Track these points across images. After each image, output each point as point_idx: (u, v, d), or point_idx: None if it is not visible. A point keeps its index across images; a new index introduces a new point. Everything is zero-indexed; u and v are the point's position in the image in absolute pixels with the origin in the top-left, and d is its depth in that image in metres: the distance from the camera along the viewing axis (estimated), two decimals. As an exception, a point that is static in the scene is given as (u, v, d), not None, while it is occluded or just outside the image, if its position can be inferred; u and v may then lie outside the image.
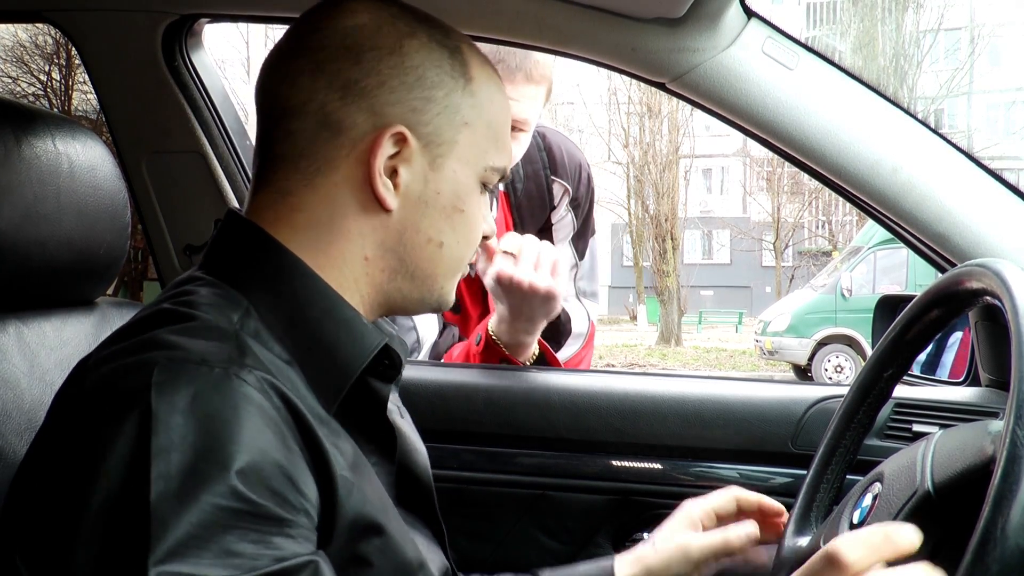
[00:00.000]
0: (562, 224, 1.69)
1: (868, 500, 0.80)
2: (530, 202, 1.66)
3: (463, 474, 1.30)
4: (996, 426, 0.73)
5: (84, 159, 0.92)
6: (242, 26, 15.45)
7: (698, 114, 17.25)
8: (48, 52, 14.85)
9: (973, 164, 1.15)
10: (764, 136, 1.19)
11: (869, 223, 12.10)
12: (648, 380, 1.37)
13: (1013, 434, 0.60)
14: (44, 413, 0.68)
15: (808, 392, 1.29)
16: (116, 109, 1.44)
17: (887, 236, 7.33)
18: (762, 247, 23.33)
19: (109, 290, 1.02)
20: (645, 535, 1.17)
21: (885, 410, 1.21)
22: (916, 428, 1.21)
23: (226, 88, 1.51)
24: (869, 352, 1.06)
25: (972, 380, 1.32)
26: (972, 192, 1.15)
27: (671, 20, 1.15)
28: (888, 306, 1.41)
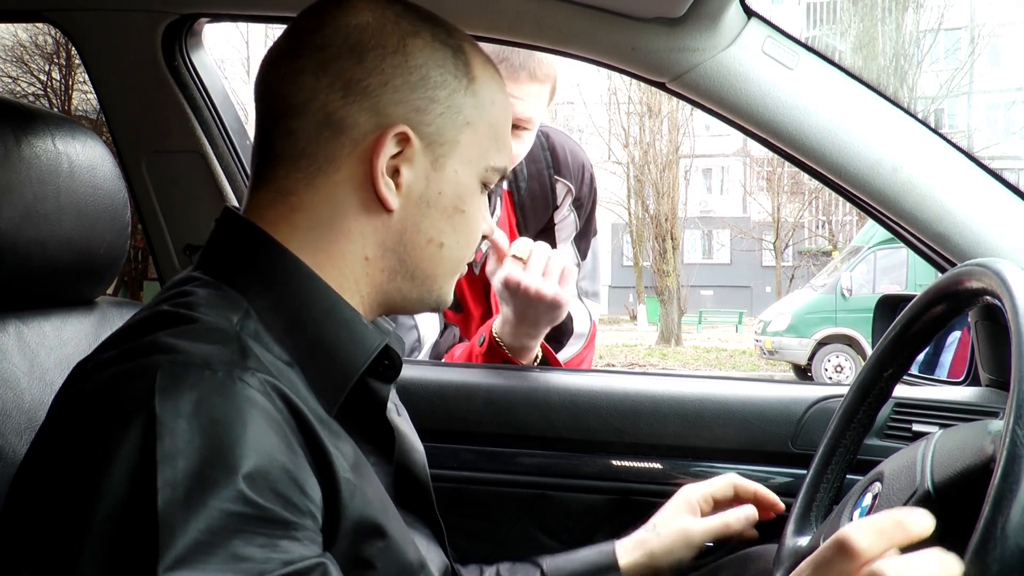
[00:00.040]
0: (565, 224, 1.69)
1: (868, 500, 0.80)
2: (533, 201, 1.66)
3: (463, 474, 1.30)
4: (996, 426, 0.73)
5: (84, 159, 0.92)
6: (242, 26, 15.46)
7: (698, 114, 17.26)
8: (48, 52, 14.85)
9: (973, 164, 1.15)
10: (764, 136, 1.19)
11: (869, 223, 12.10)
12: (648, 380, 1.37)
13: (1013, 433, 0.60)
14: (44, 412, 0.67)
15: (808, 392, 1.29)
16: (116, 109, 1.44)
17: (887, 236, 7.34)
18: (762, 247, 23.32)
19: (109, 290, 1.02)
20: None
21: (885, 410, 1.21)
22: (916, 428, 1.21)
23: (226, 88, 1.51)
24: (869, 352, 1.06)
25: (972, 380, 1.32)
26: (972, 192, 1.15)
27: (671, 20, 1.15)
28: (888, 306, 1.41)
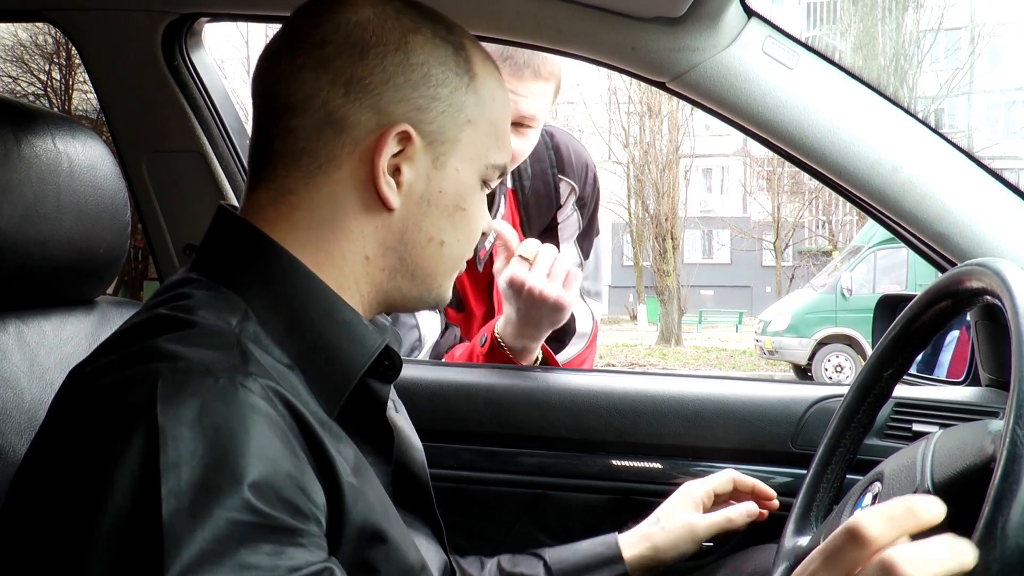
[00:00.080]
0: (568, 223, 1.69)
1: (868, 499, 0.80)
2: (537, 200, 1.66)
3: (463, 473, 1.30)
4: (996, 425, 0.73)
5: (84, 158, 0.92)
6: (242, 25, 15.46)
7: (698, 114, 17.28)
8: (48, 51, 14.85)
9: (973, 164, 1.15)
10: (764, 135, 1.19)
11: (869, 223, 12.10)
12: (648, 380, 1.37)
13: (1013, 433, 0.60)
14: (44, 412, 0.67)
15: (808, 392, 1.29)
16: (116, 108, 1.44)
17: (887, 236, 7.34)
18: (762, 247, 23.32)
19: (109, 289, 1.02)
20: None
21: (885, 410, 1.21)
22: (916, 428, 1.21)
23: (226, 88, 1.51)
24: (869, 352, 1.06)
25: (972, 380, 1.32)
26: (972, 192, 1.15)
27: (671, 19, 1.15)
28: (888, 306, 1.42)
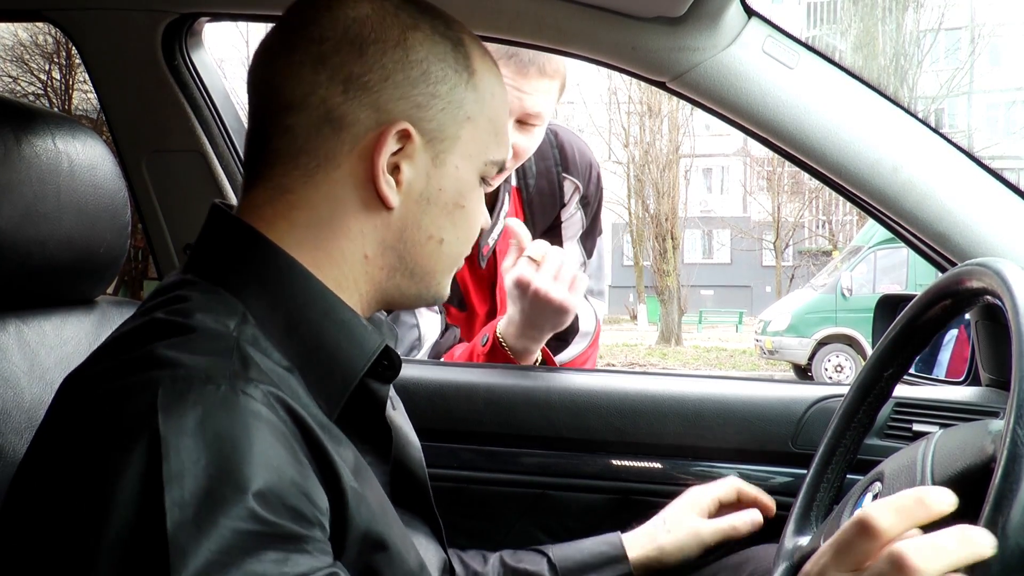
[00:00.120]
0: (572, 222, 1.69)
1: (868, 499, 0.80)
2: (541, 198, 1.66)
3: (463, 473, 1.30)
4: (996, 425, 0.73)
5: (84, 158, 0.92)
6: (242, 25, 15.46)
7: (698, 113, 17.28)
8: (48, 51, 14.86)
9: (973, 163, 1.15)
10: (764, 135, 1.19)
11: (869, 222, 12.10)
12: (648, 380, 1.37)
13: (1014, 433, 0.60)
14: (44, 412, 0.67)
15: (808, 392, 1.29)
16: (116, 108, 1.44)
17: (887, 235, 7.34)
18: (762, 247, 23.32)
19: (109, 289, 1.02)
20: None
21: (885, 410, 1.21)
22: (916, 427, 1.21)
23: (226, 87, 1.51)
24: (869, 352, 1.06)
25: (972, 379, 1.32)
26: (972, 191, 1.14)
27: (671, 19, 1.15)
28: (888, 305, 1.41)
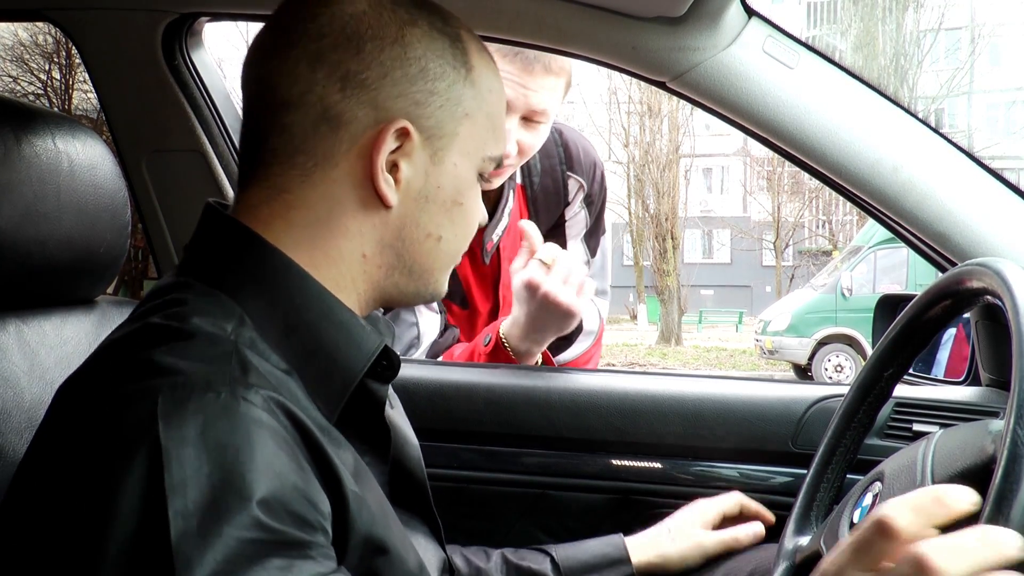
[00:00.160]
0: (575, 220, 1.69)
1: (868, 499, 0.80)
2: (546, 196, 1.66)
3: (463, 473, 1.30)
4: (997, 425, 0.73)
5: (84, 158, 0.92)
6: (242, 25, 15.44)
7: (698, 113, 17.28)
8: (48, 51, 14.87)
9: (973, 163, 1.15)
10: (764, 135, 1.19)
11: (869, 222, 12.10)
12: (648, 379, 1.37)
13: (1014, 433, 0.59)
14: (44, 412, 0.67)
15: (808, 391, 1.29)
16: (116, 108, 1.44)
17: (887, 235, 7.34)
18: (762, 246, 23.33)
19: (109, 289, 1.02)
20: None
21: (885, 409, 1.21)
22: (916, 427, 1.21)
23: (226, 87, 1.51)
24: (869, 352, 1.06)
25: (972, 379, 1.32)
26: (973, 191, 1.14)
27: (672, 19, 1.15)
28: (888, 305, 1.41)
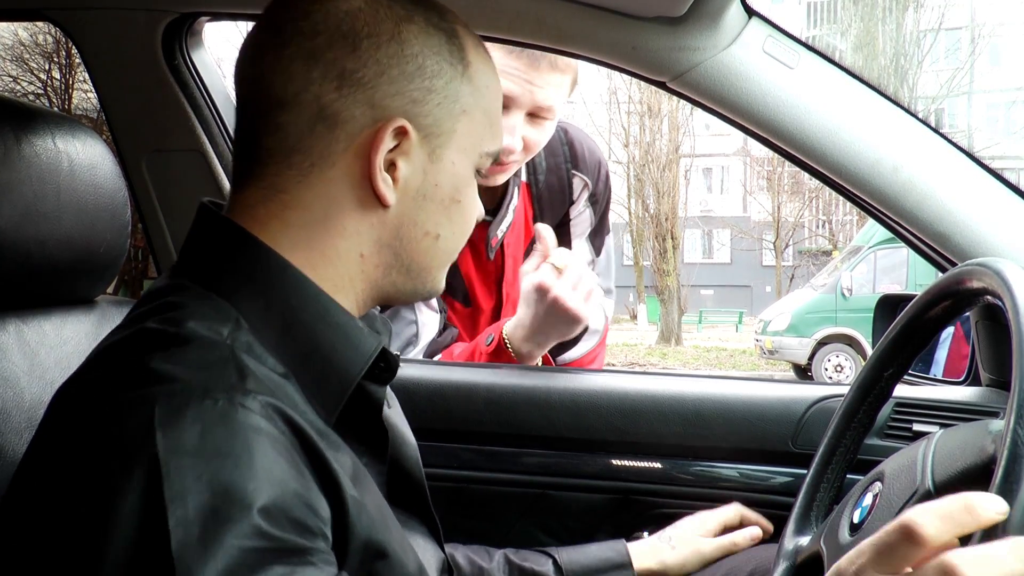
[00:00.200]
0: (580, 219, 1.69)
1: (868, 499, 0.80)
2: (551, 195, 1.66)
3: (463, 473, 1.30)
4: (997, 425, 0.73)
5: (84, 157, 0.92)
6: (242, 25, 15.42)
7: (698, 113, 17.28)
8: (48, 51, 14.86)
9: (974, 163, 1.15)
10: (765, 135, 1.19)
11: (869, 222, 12.10)
12: (648, 379, 1.37)
13: (1014, 433, 0.59)
14: (43, 412, 0.66)
15: (808, 391, 1.29)
16: (116, 107, 1.44)
17: (887, 235, 7.34)
18: (762, 246, 23.33)
19: (109, 288, 1.02)
20: (645, 534, 1.19)
21: (885, 409, 1.21)
22: (916, 427, 1.21)
23: (226, 87, 1.51)
24: (869, 352, 1.06)
25: (973, 379, 1.32)
26: (973, 191, 1.14)
27: (672, 19, 1.15)
28: (888, 305, 1.41)
